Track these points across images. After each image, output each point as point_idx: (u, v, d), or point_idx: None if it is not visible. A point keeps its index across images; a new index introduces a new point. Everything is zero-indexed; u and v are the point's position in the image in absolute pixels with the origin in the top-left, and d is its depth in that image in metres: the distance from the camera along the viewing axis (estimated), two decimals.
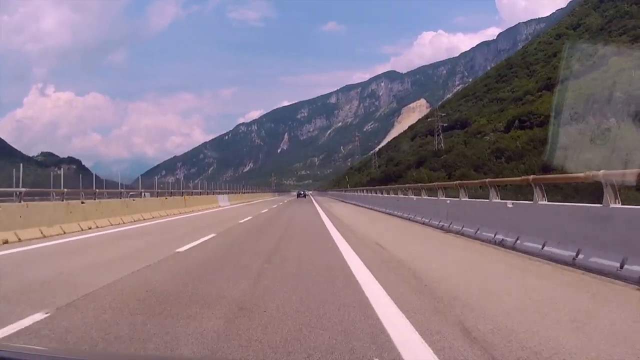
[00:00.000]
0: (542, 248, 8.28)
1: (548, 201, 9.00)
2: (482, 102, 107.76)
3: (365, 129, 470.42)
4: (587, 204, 7.72)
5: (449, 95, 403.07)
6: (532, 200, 9.20)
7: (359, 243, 11.24)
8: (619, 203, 6.94)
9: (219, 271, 7.70)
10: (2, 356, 1.76)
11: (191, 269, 7.94)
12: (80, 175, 26.91)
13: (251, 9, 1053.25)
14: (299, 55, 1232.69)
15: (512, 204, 10.11)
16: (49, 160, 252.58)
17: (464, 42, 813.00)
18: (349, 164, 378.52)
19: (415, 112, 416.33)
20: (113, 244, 12.22)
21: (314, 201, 54.38)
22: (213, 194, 45.91)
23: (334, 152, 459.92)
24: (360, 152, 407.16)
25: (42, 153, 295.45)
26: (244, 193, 74.20)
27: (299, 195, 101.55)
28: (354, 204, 38.13)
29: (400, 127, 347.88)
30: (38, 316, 4.74)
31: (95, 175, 25.32)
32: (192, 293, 5.92)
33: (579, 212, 7.82)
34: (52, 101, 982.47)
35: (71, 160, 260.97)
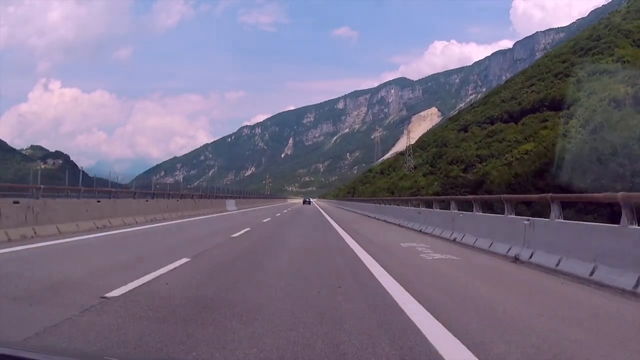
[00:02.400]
0: None
1: None
2: (574, 77, 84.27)
3: (373, 136, 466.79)
4: None
5: (461, 105, 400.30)
6: None
7: None
8: None
9: None
10: (13, 354, 1.82)
11: None
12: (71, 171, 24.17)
13: (264, 13, 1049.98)
14: (308, 61, 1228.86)
15: None
16: (36, 154, 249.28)
17: (477, 53, 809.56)
18: (355, 171, 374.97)
19: (426, 121, 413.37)
20: None
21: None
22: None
23: (340, 159, 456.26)
24: (367, 160, 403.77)
25: (31, 146, 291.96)
26: None
27: (304, 202, 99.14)
28: None
29: (410, 135, 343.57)
30: None
31: (84, 171, 23.85)
32: None
33: None
34: (57, 97, 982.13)
35: (58, 154, 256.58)
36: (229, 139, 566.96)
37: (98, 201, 18.72)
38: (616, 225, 7.27)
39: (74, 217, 15.62)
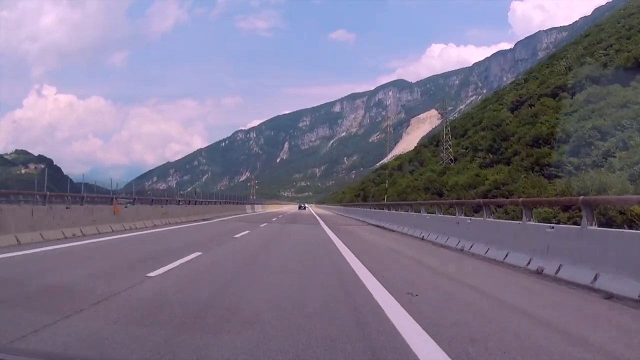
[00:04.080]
0: None
1: None
2: None
3: (370, 140, 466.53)
4: None
5: (461, 107, 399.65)
6: None
7: None
8: None
9: None
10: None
11: None
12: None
13: (261, 19, 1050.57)
14: (305, 66, 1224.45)
15: None
16: (19, 159, 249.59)
17: (475, 56, 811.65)
18: (353, 176, 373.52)
19: (425, 124, 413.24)
20: None
21: None
22: None
23: (337, 164, 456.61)
24: (364, 164, 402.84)
25: (15, 150, 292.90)
26: None
27: (300, 207, 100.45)
28: None
29: (409, 138, 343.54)
30: None
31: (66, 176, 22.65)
32: None
33: None
34: (52, 103, 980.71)
35: (41, 158, 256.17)
36: (223, 144, 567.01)
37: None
38: (519, 222, 10.29)
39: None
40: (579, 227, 8.16)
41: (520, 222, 9.99)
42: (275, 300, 6.47)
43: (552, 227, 8.82)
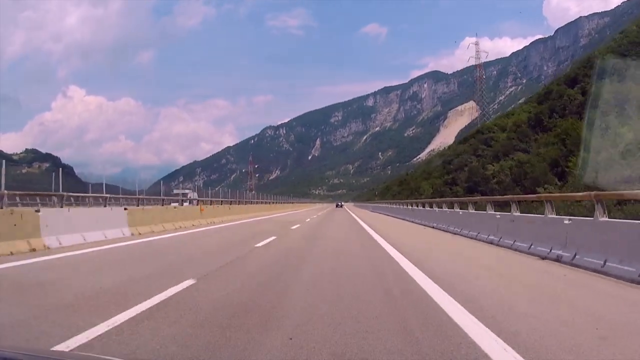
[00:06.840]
0: None
1: None
2: None
3: (406, 134, 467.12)
4: None
5: (501, 98, 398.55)
6: None
7: None
8: None
9: None
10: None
11: None
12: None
13: (292, 17, 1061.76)
14: (337, 64, 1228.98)
15: None
16: (26, 158, 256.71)
17: (510, 48, 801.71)
18: (388, 172, 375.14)
19: (463, 116, 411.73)
20: None
21: None
22: None
23: (371, 160, 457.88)
24: (400, 160, 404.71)
25: (25, 150, 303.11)
26: None
27: (337, 205, 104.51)
28: None
29: (447, 132, 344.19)
30: None
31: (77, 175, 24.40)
32: None
33: None
34: (83, 105, 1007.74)
35: (48, 157, 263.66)
36: (252, 141, 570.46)
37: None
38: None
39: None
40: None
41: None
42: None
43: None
